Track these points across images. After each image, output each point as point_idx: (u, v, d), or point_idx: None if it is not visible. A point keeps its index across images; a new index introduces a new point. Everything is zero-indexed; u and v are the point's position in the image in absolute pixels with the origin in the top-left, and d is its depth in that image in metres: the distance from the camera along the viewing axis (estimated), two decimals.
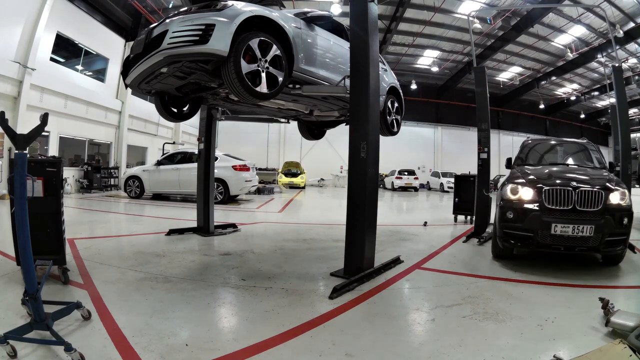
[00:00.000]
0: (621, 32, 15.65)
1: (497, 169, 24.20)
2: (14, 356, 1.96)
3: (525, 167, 5.07)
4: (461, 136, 27.19)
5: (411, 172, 21.79)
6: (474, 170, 7.20)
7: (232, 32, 3.23)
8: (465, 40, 19.37)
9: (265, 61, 3.50)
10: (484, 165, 6.43)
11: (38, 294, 2.10)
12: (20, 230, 2.09)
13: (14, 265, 3.33)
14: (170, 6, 16.04)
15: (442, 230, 6.91)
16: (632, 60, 19.76)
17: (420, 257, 4.62)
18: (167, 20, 3.50)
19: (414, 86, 25.42)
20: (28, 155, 2.12)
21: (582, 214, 3.82)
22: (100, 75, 15.31)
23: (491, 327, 2.54)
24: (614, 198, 3.91)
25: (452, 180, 22.08)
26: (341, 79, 4.32)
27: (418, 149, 27.15)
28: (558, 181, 4.05)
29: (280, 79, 3.62)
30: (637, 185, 10.74)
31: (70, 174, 12.97)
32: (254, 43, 3.39)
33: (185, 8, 3.73)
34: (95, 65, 15.25)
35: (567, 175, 4.32)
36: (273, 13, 3.70)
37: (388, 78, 5.87)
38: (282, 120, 6.65)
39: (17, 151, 2.06)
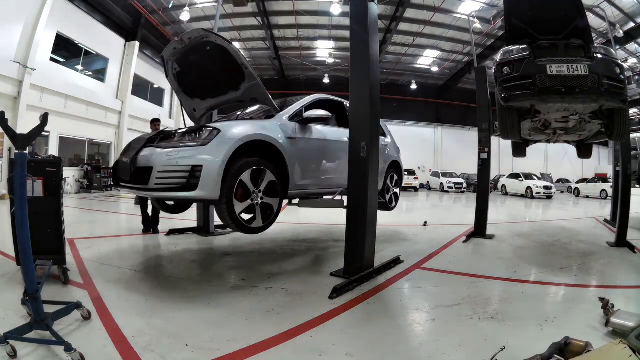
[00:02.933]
0: (621, 32, 15.65)
1: (498, 169, 24.25)
2: (14, 356, 1.96)
3: None
4: (461, 136, 27.17)
5: (411, 172, 21.77)
6: (474, 170, 7.19)
7: (222, 173, 3.05)
8: (465, 40, 19.37)
9: (260, 191, 3.36)
10: (484, 165, 6.43)
11: (38, 294, 2.10)
12: (20, 230, 2.09)
13: (14, 265, 3.33)
14: (170, 6, 16.05)
15: (442, 230, 6.91)
16: (632, 60, 19.75)
17: (420, 257, 4.61)
18: (150, 152, 3.25)
19: (414, 86, 25.43)
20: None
21: (572, 59, 3.93)
22: (100, 75, 15.33)
23: (491, 327, 2.54)
24: (599, 50, 4.07)
25: (452, 180, 22.06)
26: (338, 192, 4.26)
27: (418, 149, 27.12)
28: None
29: (276, 206, 3.52)
30: (637, 185, 10.73)
31: (70, 174, 12.97)
32: (246, 177, 3.22)
33: (174, 133, 3.51)
34: (95, 65, 15.26)
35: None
36: (265, 131, 3.49)
37: (391, 152, 5.78)
38: None
39: (17, 151, 2.06)
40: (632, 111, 25.95)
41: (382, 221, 5.14)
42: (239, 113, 4.98)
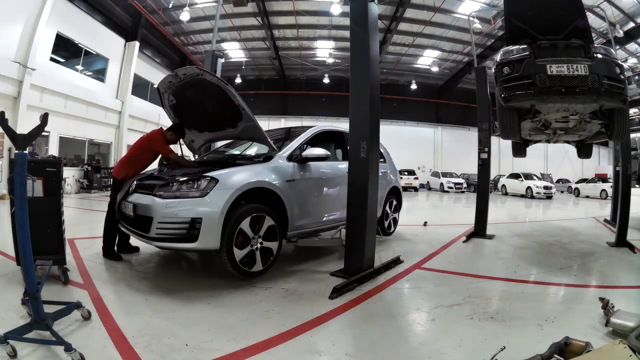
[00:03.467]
0: (621, 32, 15.65)
1: (498, 169, 24.24)
2: (14, 356, 1.96)
3: None
4: (461, 136, 27.16)
5: (411, 172, 21.78)
6: (474, 170, 7.19)
7: (221, 224, 3.10)
8: (465, 40, 19.36)
9: (259, 237, 3.40)
10: (484, 165, 6.43)
11: (38, 294, 2.10)
12: (20, 230, 2.09)
13: (14, 265, 3.33)
14: (170, 6, 16.06)
15: (442, 230, 6.91)
16: (632, 60, 19.74)
17: (420, 257, 4.61)
18: (149, 202, 3.28)
19: (414, 86, 25.42)
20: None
21: (572, 58, 3.94)
22: (100, 75, 15.32)
23: (491, 327, 2.54)
24: (599, 50, 4.07)
25: (452, 180, 22.03)
26: (336, 231, 4.29)
27: (418, 149, 27.12)
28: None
29: (275, 249, 3.55)
30: (637, 185, 10.73)
31: (70, 174, 12.97)
32: (246, 224, 3.26)
33: (168, 178, 3.55)
34: (95, 65, 15.26)
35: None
36: (263, 178, 3.52)
37: (390, 177, 5.80)
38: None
39: (17, 151, 2.06)
40: (632, 111, 25.97)
41: None
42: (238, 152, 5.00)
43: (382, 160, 5.38)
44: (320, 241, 4.31)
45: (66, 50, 13.30)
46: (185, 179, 3.31)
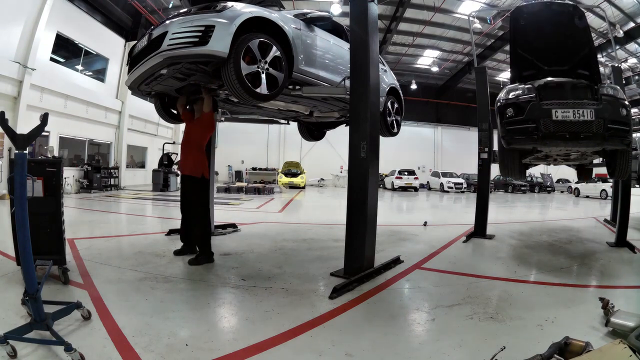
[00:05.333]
0: (621, 32, 15.65)
1: (497, 169, 24.24)
2: (14, 356, 1.96)
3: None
4: (461, 136, 27.17)
5: (411, 172, 21.77)
6: (474, 170, 7.19)
7: (232, 33, 3.21)
8: (465, 40, 19.37)
9: (265, 62, 3.48)
10: (484, 165, 6.43)
11: (38, 294, 2.10)
12: (20, 230, 2.09)
13: (14, 265, 3.33)
14: (170, 6, 16.05)
15: (442, 230, 6.91)
16: (632, 60, 19.74)
17: (420, 257, 4.62)
18: (167, 22, 3.48)
19: (414, 86, 25.40)
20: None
21: (579, 102, 3.85)
22: (100, 75, 15.32)
23: (491, 327, 2.54)
24: (607, 89, 3.99)
25: (452, 180, 22.02)
26: (341, 79, 4.31)
27: (418, 149, 27.13)
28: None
29: (280, 80, 3.61)
30: (637, 185, 10.73)
31: (70, 174, 12.97)
32: (254, 44, 3.37)
33: (185, 9, 3.71)
34: (95, 65, 15.25)
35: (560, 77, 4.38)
36: (273, 14, 3.68)
37: (388, 79, 5.86)
38: (282, 121, 6.64)
39: (17, 151, 2.06)
40: (632, 111, 25.96)
41: (382, 221, 5.14)
42: None
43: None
44: (325, 88, 4.29)
45: (66, 50, 13.30)
46: (202, 6, 3.47)
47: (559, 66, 4.90)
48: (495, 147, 5.53)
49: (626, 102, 4.03)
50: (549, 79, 4.16)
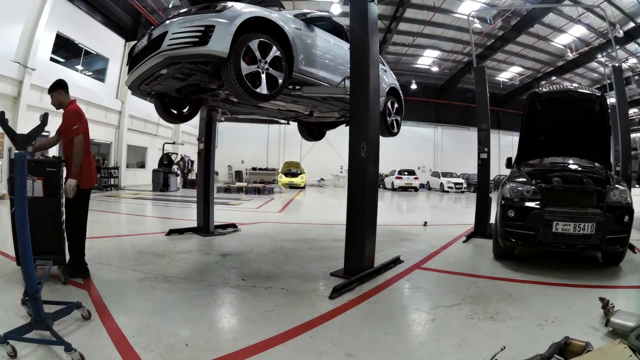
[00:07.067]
0: (621, 32, 15.65)
1: (497, 169, 24.22)
2: (14, 356, 1.95)
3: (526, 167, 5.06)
4: (461, 136, 27.17)
5: (411, 172, 21.77)
6: (474, 170, 7.20)
7: (232, 33, 3.21)
8: (465, 40, 19.36)
9: (265, 62, 3.48)
10: (484, 165, 6.43)
11: (38, 294, 2.09)
12: (20, 230, 2.09)
13: (14, 265, 3.33)
14: (170, 6, 16.04)
15: (442, 230, 6.91)
16: (632, 60, 19.75)
17: (420, 257, 4.62)
18: (167, 22, 3.49)
19: (414, 86, 25.40)
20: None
21: (582, 212, 3.84)
22: (100, 75, 15.31)
23: (491, 327, 2.54)
24: (614, 195, 3.93)
25: (452, 180, 22.02)
26: (341, 80, 4.31)
27: (418, 149, 27.13)
28: (558, 179, 4.11)
29: (280, 80, 3.61)
30: (637, 185, 10.75)
31: None
32: (254, 44, 3.38)
33: (185, 9, 3.71)
34: (95, 65, 15.25)
35: (567, 174, 4.35)
36: (273, 14, 3.68)
37: (388, 79, 5.86)
38: (282, 121, 6.64)
39: (17, 151, 2.06)
40: (632, 111, 25.98)
41: (382, 221, 5.13)
42: None
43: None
44: (324, 88, 4.29)
45: (66, 50, 13.29)
46: (202, 6, 3.47)
47: (569, 147, 4.95)
48: (495, 147, 5.54)
49: (631, 206, 3.96)
50: (557, 178, 4.12)
